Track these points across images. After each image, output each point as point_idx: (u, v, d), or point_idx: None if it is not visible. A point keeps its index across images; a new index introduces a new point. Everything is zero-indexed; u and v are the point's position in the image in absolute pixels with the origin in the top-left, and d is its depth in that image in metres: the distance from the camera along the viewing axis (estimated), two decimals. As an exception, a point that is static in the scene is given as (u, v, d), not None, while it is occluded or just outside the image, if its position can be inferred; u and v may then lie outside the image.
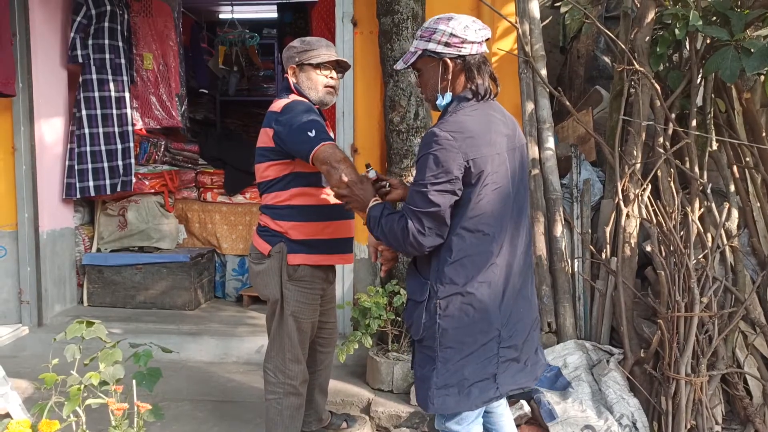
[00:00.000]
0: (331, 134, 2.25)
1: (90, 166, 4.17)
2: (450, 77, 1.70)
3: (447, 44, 1.66)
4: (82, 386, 1.93)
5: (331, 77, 2.31)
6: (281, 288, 2.23)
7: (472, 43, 1.66)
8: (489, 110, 1.71)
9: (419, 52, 1.71)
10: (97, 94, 4.17)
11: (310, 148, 2.04)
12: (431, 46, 1.68)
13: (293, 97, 2.26)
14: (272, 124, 2.18)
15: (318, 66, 2.27)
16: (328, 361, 2.59)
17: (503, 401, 2.03)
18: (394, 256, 1.94)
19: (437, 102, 1.74)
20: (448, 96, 1.72)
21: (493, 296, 1.69)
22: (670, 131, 3.00)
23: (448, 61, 1.68)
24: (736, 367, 2.68)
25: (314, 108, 2.23)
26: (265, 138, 2.23)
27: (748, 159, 3.08)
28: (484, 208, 1.65)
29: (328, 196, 2.25)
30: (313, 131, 2.06)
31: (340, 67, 2.34)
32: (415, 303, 1.76)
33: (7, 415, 2.46)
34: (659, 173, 2.99)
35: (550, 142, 3.14)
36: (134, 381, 2.00)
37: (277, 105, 2.22)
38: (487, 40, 1.71)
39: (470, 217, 1.65)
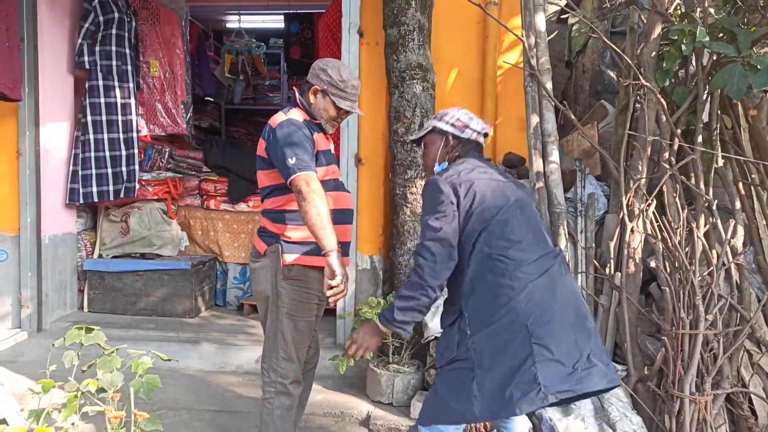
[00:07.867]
0: (312, 153, 2.24)
1: (94, 171, 4.18)
2: (449, 151, 2.07)
3: (453, 125, 2.05)
4: (80, 393, 1.92)
5: (341, 118, 2.37)
6: (276, 286, 2.24)
7: (473, 130, 2.05)
8: (476, 163, 2.02)
9: (430, 128, 2.09)
10: (103, 100, 4.19)
11: (287, 175, 2.12)
12: (440, 124, 2.07)
13: (293, 112, 2.28)
14: (266, 136, 2.26)
15: (340, 108, 2.31)
16: (309, 379, 2.54)
17: None
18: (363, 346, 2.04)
19: (435, 168, 2.09)
20: (444, 164, 2.07)
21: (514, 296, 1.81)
22: (675, 147, 2.99)
23: (450, 138, 2.05)
24: (741, 387, 2.64)
25: (306, 128, 2.24)
26: (261, 148, 2.30)
27: (754, 176, 3.06)
28: (486, 227, 1.86)
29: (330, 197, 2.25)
30: (294, 158, 2.12)
31: None
32: (448, 327, 1.93)
33: (3, 422, 2.44)
34: (664, 189, 2.97)
35: (555, 156, 3.13)
36: (132, 389, 1.98)
37: (275, 119, 2.27)
38: (486, 134, 2.09)
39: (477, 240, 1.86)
